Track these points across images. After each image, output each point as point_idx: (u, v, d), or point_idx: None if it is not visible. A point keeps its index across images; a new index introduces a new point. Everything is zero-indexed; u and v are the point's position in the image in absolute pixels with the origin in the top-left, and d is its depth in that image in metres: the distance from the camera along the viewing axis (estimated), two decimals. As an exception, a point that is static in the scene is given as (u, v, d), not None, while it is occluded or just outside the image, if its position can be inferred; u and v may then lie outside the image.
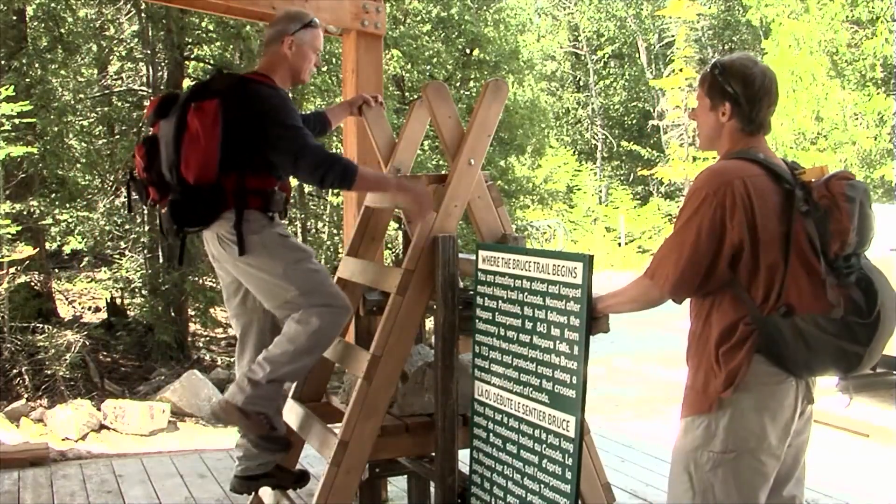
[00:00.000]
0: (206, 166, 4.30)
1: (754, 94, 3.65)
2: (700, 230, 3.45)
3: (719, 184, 3.46)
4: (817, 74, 24.93)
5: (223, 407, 4.55)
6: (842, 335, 3.38)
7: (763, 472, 3.55)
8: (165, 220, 4.50)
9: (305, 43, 4.63)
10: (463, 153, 4.48)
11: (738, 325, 3.49)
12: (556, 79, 54.87)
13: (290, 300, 4.44)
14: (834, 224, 3.43)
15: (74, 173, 18.30)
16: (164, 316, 17.25)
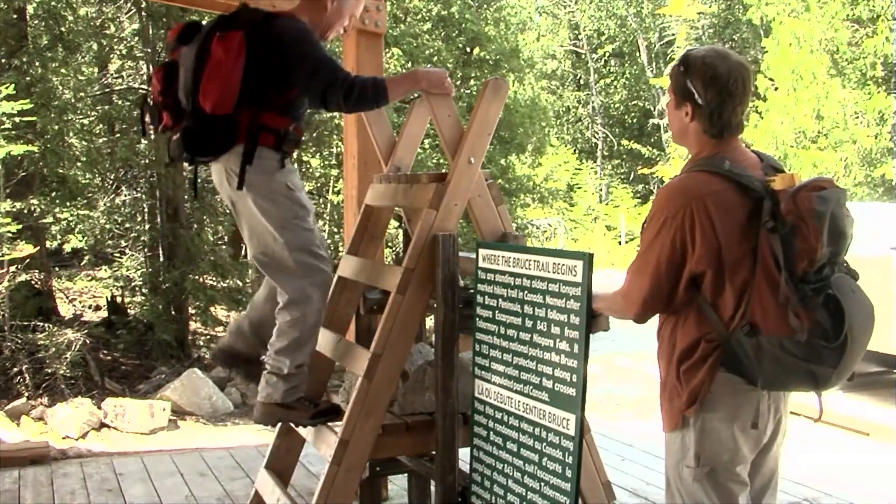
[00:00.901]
0: (224, 97, 4.29)
1: (717, 95, 3.48)
2: (660, 256, 3.42)
3: (678, 206, 3.38)
4: (818, 73, 24.90)
5: (265, 411, 4.62)
6: (808, 357, 3.28)
7: (741, 481, 3.57)
8: (175, 147, 4.50)
9: (346, 5, 4.68)
10: (463, 152, 4.48)
11: (699, 342, 3.45)
12: (557, 77, 54.82)
13: (273, 251, 4.49)
14: (801, 242, 3.26)
15: (75, 172, 18.27)
16: (164, 314, 17.24)
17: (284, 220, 4.46)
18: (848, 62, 24.59)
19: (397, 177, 5.02)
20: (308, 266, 4.49)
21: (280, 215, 4.45)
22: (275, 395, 4.55)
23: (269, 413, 4.63)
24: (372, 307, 5.23)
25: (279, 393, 4.55)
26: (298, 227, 4.50)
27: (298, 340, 4.51)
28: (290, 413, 4.61)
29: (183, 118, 4.43)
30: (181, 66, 4.42)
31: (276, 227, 4.45)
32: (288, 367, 4.52)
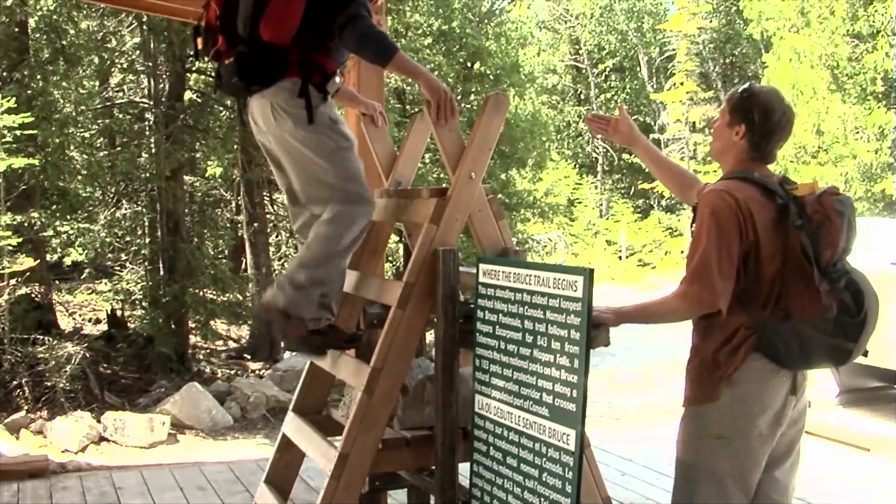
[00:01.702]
0: (284, 26, 4.39)
1: (771, 126, 4.04)
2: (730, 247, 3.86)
3: (730, 205, 3.86)
4: (818, 88, 24.96)
5: (265, 307, 4.62)
6: (835, 334, 3.85)
7: (754, 457, 4.00)
8: (227, 73, 4.55)
9: None
10: (464, 167, 4.47)
11: (738, 330, 3.93)
12: (557, 92, 54.98)
13: (324, 182, 4.51)
14: (826, 236, 3.85)
15: (75, 185, 18.31)
16: (164, 328, 17.25)
17: (331, 151, 4.51)
18: (848, 77, 24.66)
19: (398, 191, 5.02)
20: (358, 194, 4.55)
21: (327, 146, 4.50)
22: (279, 300, 4.54)
23: (266, 310, 4.62)
24: (372, 322, 5.22)
25: (283, 300, 4.54)
26: (345, 157, 4.56)
27: (325, 256, 4.53)
28: (284, 323, 4.58)
29: (238, 44, 4.48)
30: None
31: (324, 158, 4.49)
32: (302, 280, 4.53)
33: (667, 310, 4.07)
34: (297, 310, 4.55)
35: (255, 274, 19.57)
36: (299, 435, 5.06)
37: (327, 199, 4.52)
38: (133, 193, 18.96)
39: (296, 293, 4.54)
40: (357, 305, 5.25)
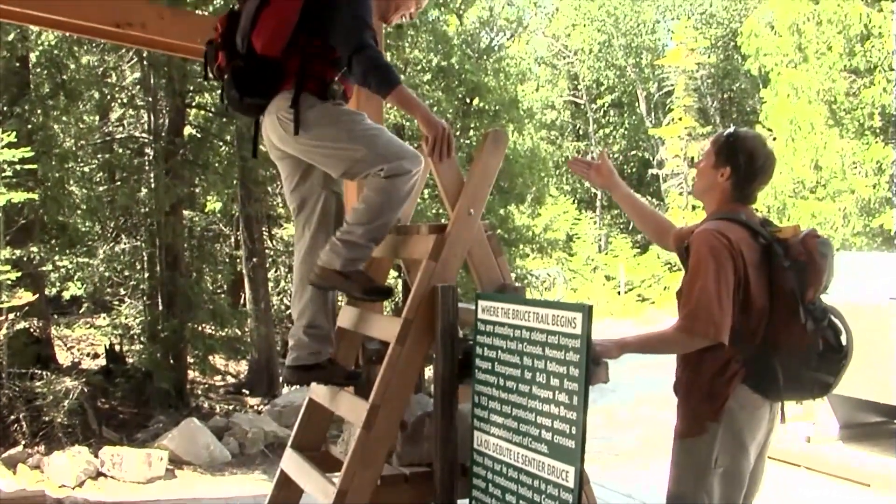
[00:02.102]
0: (275, 37, 4.51)
1: (754, 170, 4.33)
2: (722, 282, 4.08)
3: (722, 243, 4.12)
4: (816, 123, 24.99)
5: (321, 274, 4.65)
6: (818, 368, 4.14)
7: (742, 480, 4.26)
8: (227, 87, 4.67)
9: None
10: (463, 203, 4.50)
11: (730, 362, 4.16)
12: (556, 127, 55.07)
13: (360, 159, 4.52)
14: (811, 276, 4.14)
15: (75, 219, 18.33)
16: (163, 363, 17.21)
17: (350, 130, 4.55)
18: (846, 112, 24.69)
19: (397, 227, 5.03)
20: (398, 150, 4.58)
21: (345, 128, 4.56)
22: (335, 262, 4.58)
23: (325, 277, 4.65)
24: (371, 357, 5.23)
25: (340, 260, 4.58)
26: (364, 129, 4.59)
27: (380, 207, 4.56)
28: (346, 282, 4.64)
29: (235, 58, 4.62)
30: (244, 12, 4.64)
31: (347, 140, 4.53)
32: (358, 236, 4.57)
33: (669, 342, 4.27)
34: (355, 265, 4.62)
35: (253, 309, 19.55)
36: (298, 471, 5.06)
37: (374, 166, 4.54)
38: (132, 228, 18.99)
39: (351, 250, 4.59)
40: (356, 341, 5.26)
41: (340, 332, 5.17)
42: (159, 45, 6.36)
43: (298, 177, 4.85)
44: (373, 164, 4.51)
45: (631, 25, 53.18)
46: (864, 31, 23.77)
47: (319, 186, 4.82)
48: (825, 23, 24.58)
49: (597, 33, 53.78)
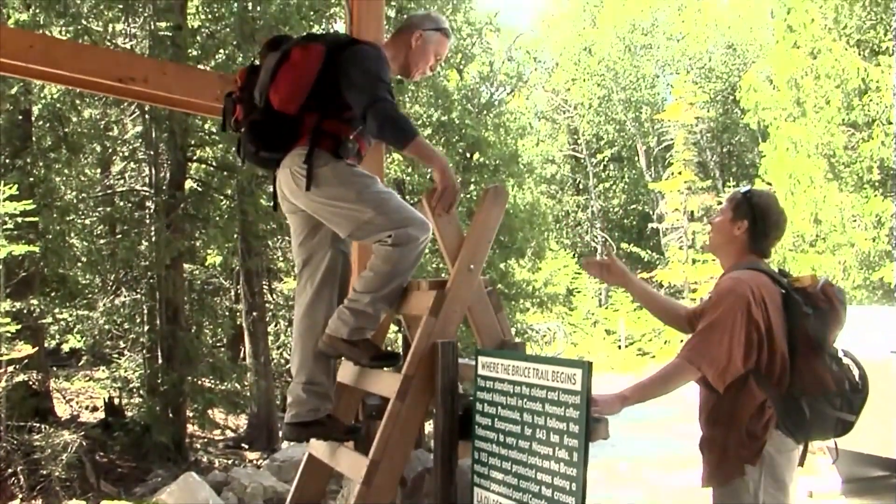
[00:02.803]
0: (293, 95, 4.59)
1: (770, 224, 4.59)
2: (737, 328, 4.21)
3: (744, 290, 4.28)
4: (815, 177, 25.06)
5: (328, 342, 4.71)
6: (842, 407, 4.31)
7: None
8: (243, 140, 4.77)
9: (431, 43, 4.95)
10: (463, 259, 4.51)
11: (764, 406, 4.30)
12: (556, 182, 55.28)
13: (367, 221, 4.58)
14: (832, 322, 4.36)
15: (75, 272, 18.35)
16: (162, 416, 17.16)
17: (359, 192, 4.59)
18: (845, 166, 24.78)
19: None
20: (407, 216, 4.61)
21: (354, 189, 4.60)
22: (342, 330, 4.64)
23: (332, 345, 4.71)
24: (371, 413, 5.22)
25: (348, 329, 4.64)
26: (374, 192, 4.64)
27: (388, 276, 4.63)
28: (352, 350, 4.69)
29: (252, 112, 4.71)
30: (263, 67, 4.73)
31: (356, 202, 4.58)
32: (365, 304, 4.63)
33: (667, 377, 4.34)
34: (362, 334, 4.69)
35: (253, 363, 19.52)
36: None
37: (380, 231, 4.59)
38: (133, 281, 18.98)
39: (358, 319, 4.65)
40: (356, 397, 5.25)
41: (340, 388, 5.17)
42: (161, 99, 6.38)
43: (307, 232, 4.89)
44: (380, 228, 4.56)
45: (630, 80, 53.50)
46: (861, 85, 23.89)
47: (327, 244, 4.86)
48: (823, 77, 24.72)
49: (596, 88, 54.10)
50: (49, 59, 5.49)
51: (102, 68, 5.73)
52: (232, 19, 17.70)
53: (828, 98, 24.72)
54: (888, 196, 24.22)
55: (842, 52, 24.26)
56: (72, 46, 7.34)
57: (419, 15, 5.06)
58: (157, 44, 16.79)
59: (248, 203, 17.69)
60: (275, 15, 17.09)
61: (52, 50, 5.61)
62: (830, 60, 24.27)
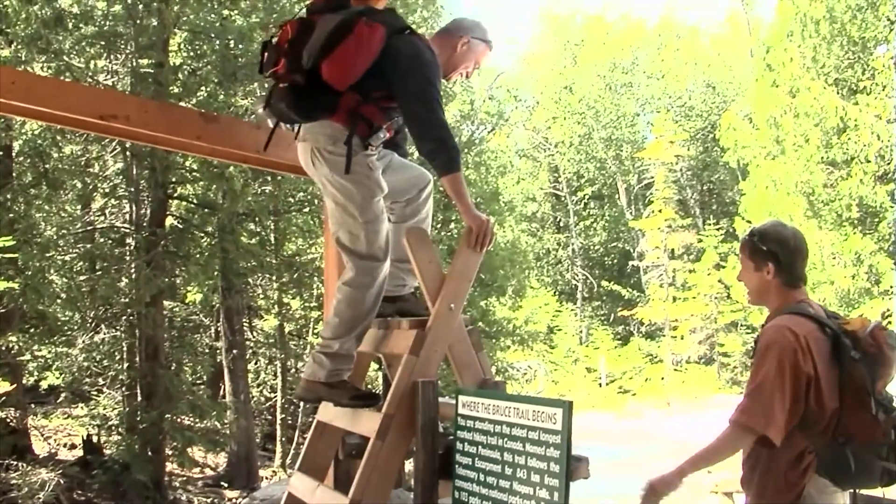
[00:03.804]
0: (349, 73, 4.55)
1: (792, 252, 4.48)
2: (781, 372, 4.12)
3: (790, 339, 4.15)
4: (794, 215, 25.21)
5: (307, 387, 4.81)
6: (889, 457, 4.13)
7: None
8: (278, 96, 4.70)
9: (473, 50, 4.97)
10: (444, 298, 4.52)
11: (804, 453, 4.17)
12: (537, 220, 55.45)
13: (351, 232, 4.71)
14: (882, 368, 4.17)
15: (55, 309, 18.26)
16: (141, 454, 17.03)
17: (363, 200, 4.66)
18: (824, 204, 24.95)
19: (377, 322, 5.04)
20: (381, 247, 4.70)
21: (361, 196, 4.66)
22: (319, 374, 4.72)
23: (311, 390, 4.81)
24: (351, 452, 5.20)
25: (324, 372, 4.71)
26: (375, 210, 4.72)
27: (353, 320, 4.67)
28: (332, 392, 4.75)
29: (297, 72, 4.60)
30: (318, 28, 4.59)
31: (356, 208, 4.68)
32: (337, 347, 4.69)
33: (723, 445, 4.26)
34: (339, 376, 4.76)
35: (233, 401, 19.45)
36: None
37: (351, 251, 4.69)
38: (112, 318, 18.89)
39: (333, 362, 4.71)
40: (336, 436, 5.23)
41: (320, 427, 5.16)
42: (143, 137, 6.38)
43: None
44: (354, 247, 4.68)
45: (611, 118, 53.79)
46: (840, 123, 24.10)
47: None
48: (802, 116, 24.94)
49: (577, 126, 54.35)
50: (31, 97, 5.48)
51: (84, 106, 5.72)
52: (214, 57, 17.71)
53: (807, 136, 24.92)
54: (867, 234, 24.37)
55: (820, 90, 24.47)
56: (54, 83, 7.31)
57: (469, 20, 5.05)
58: (139, 81, 16.78)
59: (229, 241, 17.66)
60: (256, 53, 17.08)
61: (34, 87, 5.61)
62: (809, 99, 24.48)
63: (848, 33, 25.34)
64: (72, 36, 16.62)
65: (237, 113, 16.99)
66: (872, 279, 24.62)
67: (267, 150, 5.12)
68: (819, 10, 25.17)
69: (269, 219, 19.73)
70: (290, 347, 22.30)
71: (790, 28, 26.10)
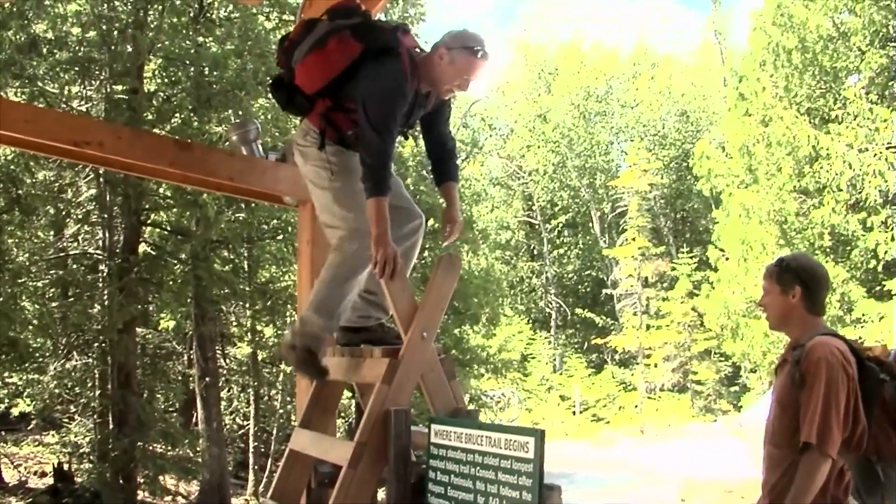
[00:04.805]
0: (309, 81, 4.88)
1: (818, 280, 4.57)
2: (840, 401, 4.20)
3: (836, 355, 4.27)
4: (767, 243, 25.37)
5: (286, 350, 4.95)
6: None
7: None
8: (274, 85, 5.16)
9: (455, 63, 4.82)
10: (416, 327, 4.52)
11: (843, 470, 4.30)
12: (511, 248, 55.49)
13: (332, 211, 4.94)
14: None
15: (26, 335, 18.17)
16: (112, 483, 16.94)
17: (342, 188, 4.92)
18: (796, 232, 25.13)
19: (351, 350, 5.04)
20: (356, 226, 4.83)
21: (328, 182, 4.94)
22: (296, 342, 4.85)
23: (281, 352, 5.10)
24: (323, 480, 5.18)
25: (300, 341, 4.85)
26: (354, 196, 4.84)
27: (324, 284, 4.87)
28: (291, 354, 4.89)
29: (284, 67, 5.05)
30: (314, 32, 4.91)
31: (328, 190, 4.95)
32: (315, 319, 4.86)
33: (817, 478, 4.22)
34: (316, 344, 4.89)
35: (205, 429, 19.35)
36: None
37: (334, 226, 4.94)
38: (84, 345, 18.81)
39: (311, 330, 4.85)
40: (308, 464, 5.22)
41: (293, 455, 5.15)
42: (116, 164, 6.38)
43: None
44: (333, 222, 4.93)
45: (585, 147, 53.89)
46: (812, 152, 24.29)
47: None
48: (775, 145, 25.12)
49: (551, 154, 54.41)
50: (4, 122, 5.47)
51: (57, 132, 5.72)
52: (188, 84, 17.72)
53: (779, 165, 25.10)
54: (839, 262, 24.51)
55: (793, 120, 24.67)
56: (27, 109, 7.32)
57: (450, 32, 4.99)
58: (112, 107, 16.76)
59: (202, 268, 17.61)
60: (231, 80, 17.13)
61: (7, 112, 5.60)
62: (782, 128, 24.67)
63: (820, 63, 25.59)
64: (46, 61, 16.61)
65: (211, 140, 16.98)
66: (845, 307, 24.74)
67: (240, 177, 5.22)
68: (791, 40, 25.40)
69: (243, 246, 19.68)
70: (263, 375, 22.25)
71: (763, 58, 26.33)
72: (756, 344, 26.11)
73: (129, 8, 17.62)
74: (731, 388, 39.09)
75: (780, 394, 4.51)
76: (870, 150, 23.29)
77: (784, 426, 4.40)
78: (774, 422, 4.50)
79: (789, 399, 4.38)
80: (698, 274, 38.95)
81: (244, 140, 6.33)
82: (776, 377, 4.70)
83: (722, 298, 27.46)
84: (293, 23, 5.37)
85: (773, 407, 4.56)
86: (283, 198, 6.56)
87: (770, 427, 4.55)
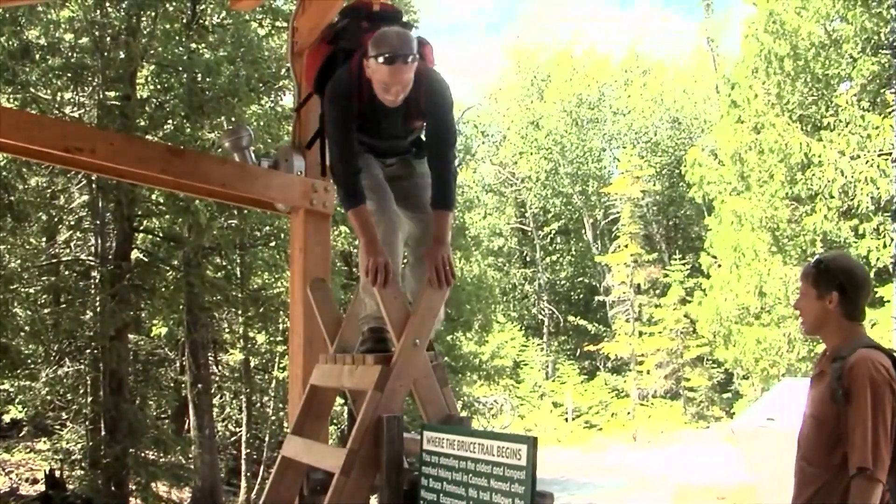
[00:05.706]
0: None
1: (858, 283, 4.33)
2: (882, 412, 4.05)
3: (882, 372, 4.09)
4: (759, 250, 25.38)
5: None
6: None
7: None
8: None
9: (374, 71, 4.58)
10: (409, 334, 4.52)
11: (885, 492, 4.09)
12: (503, 254, 55.44)
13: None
14: None
15: (18, 342, 18.13)
16: (104, 490, 16.91)
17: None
18: (788, 239, 25.14)
19: (343, 357, 5.03)
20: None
21: None
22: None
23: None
24: (315, 488, 5.17)
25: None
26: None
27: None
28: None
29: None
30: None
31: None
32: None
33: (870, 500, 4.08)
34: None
35: (197, 436, 19.32)
36: None
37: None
38: (76, 351, 18.79)
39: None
40: (300, 471, 5.21)
41: (285, 462, 5.14)
42: (108, 170, 6.37)
43: None
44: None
45: (577, 154, 53.89)
46: (804, 159, 24.27)
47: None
48: (767, 152, 25.11)
49: (544, 161, 54.40)
50: (-4, 128, 5.47)
51: (50, 138, 5.71)
52: (181, 90, 17.71)
53: (771, 172, 25.10)
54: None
55: (785, 127, 24.66)
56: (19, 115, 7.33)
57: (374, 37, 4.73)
58: (105, 114, 16.75)
59: (195, 275, 17.59)
60: (223, 86, 17.12)
61: None
62: (773, 135, 24.67)
63: (812, 70, 25.61)
64: (38, 68, 16.60)
65: (204, 146, 16.97)
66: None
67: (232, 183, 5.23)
68: (783, 47, 25.40)
69: (235, 253, 19.67)
70: (255, 382, 22.22)
71: (755, 65, 26.32)
72: (748, 351, 26.09)
73: (121, 14, 17.59)
74: (724, 395, 39.11)
75: (817, 409, 4.31)
76: (862, 157, 23.27)
77: (820, 443, 4.24)
78: (809, 437, 4.32)
79: (827, 415, 4.20)
80: (691, 281, 38.94)
81: (236, 146, 6.30)
82: (810, 388, 4.46)
83: (714, 305, 27.47)
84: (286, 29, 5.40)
85: (808, 422, 4.36)
86: (275, 204, 6.53)
87: (803, 442, 4.37)
